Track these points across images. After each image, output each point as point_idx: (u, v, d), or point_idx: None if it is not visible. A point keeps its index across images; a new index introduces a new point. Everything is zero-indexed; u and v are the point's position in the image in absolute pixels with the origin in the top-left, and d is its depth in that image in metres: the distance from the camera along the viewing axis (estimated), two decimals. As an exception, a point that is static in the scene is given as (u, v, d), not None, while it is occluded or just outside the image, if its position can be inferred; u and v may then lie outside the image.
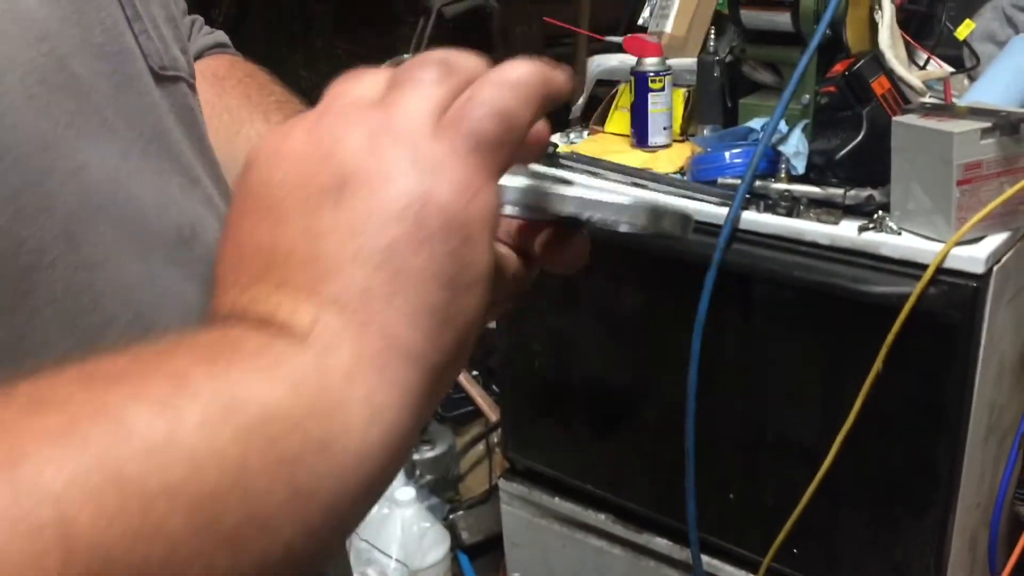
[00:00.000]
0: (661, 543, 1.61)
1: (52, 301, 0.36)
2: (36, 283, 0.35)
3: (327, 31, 5.15)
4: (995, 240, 1.22)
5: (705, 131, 1.54)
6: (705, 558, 1.52)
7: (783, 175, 1.37)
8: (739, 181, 1.36)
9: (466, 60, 0.36)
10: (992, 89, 1.34)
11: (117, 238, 0.39)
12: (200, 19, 0.76)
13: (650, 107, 1.54)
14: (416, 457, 2.15)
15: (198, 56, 0.72)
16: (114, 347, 0.34)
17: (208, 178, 0.49)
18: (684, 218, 0.40)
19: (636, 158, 1.54)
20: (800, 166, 1.35)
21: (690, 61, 1.58)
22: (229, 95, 0.69)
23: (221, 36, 0.76)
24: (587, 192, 0.39)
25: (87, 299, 0.37)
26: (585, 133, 1.69)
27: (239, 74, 0.73)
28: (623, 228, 0.39)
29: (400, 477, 1.97)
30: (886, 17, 1.38)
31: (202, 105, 0.62)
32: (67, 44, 0.39)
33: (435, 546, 1.91)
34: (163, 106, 0.45)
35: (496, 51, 4.53)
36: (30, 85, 0.36)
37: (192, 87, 0.51)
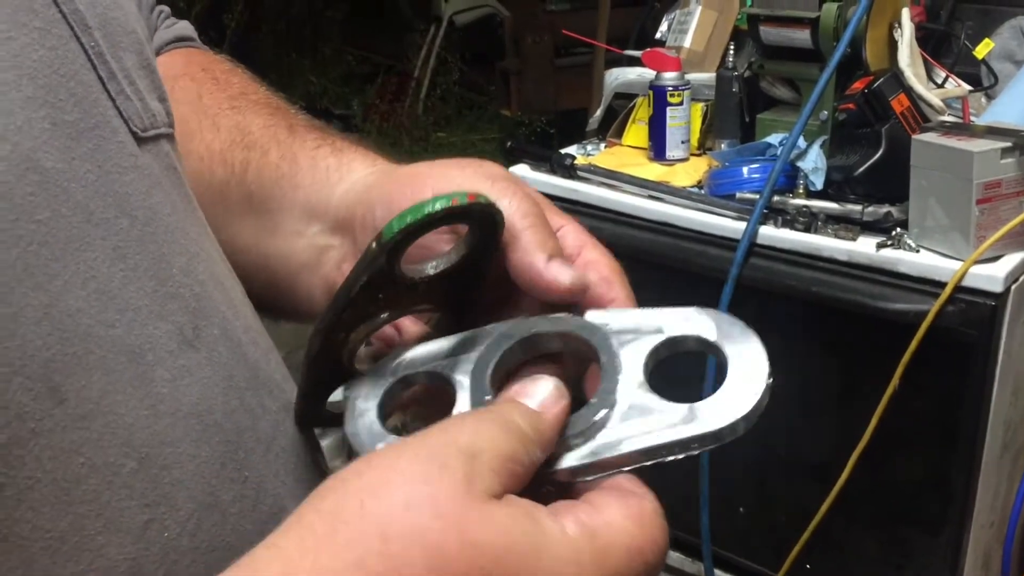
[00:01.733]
0: (674, 556, 1.61)
1: (39, 479, 0.31)
2: (18, 461, 0.30)
3: (337, 38, 5.18)
4: (1013, 259, 1.23)
5: (723, 145, 1.54)
6: (718, 572, 1.52)
7: (801, 191, 1.37)
8: (757, 196, 1.36)
9: None
10: (1011, 108, 1.35)
11: (109, 371, 0.34)
12: (166, 10, 0.66)
13: (668, 121, 1.54)
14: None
15: (157, 53, 0.62)
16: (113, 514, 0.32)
17: (205, 240, 0.44)
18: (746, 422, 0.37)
19: (653, 171, 1.55)
20: (818, 182, 1.35)
21: (708, 76, 1.59)
22: (179, 101, 0.57)
23: (183, 28, 0.66)
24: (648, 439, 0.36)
25: (80, 461, 0.32)
26: (602, 145, 1.70)
27: (194, 69, 0.62)
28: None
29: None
30: (906, 35, 1.38)
31: None
32: (33, 135, 0.33)
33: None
34: (152, 175, 0.40)
35: (507, 60, 4.54)
36: None
37: (172, 137, 0.45)
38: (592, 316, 0.41)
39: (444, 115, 4.60)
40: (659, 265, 1.46)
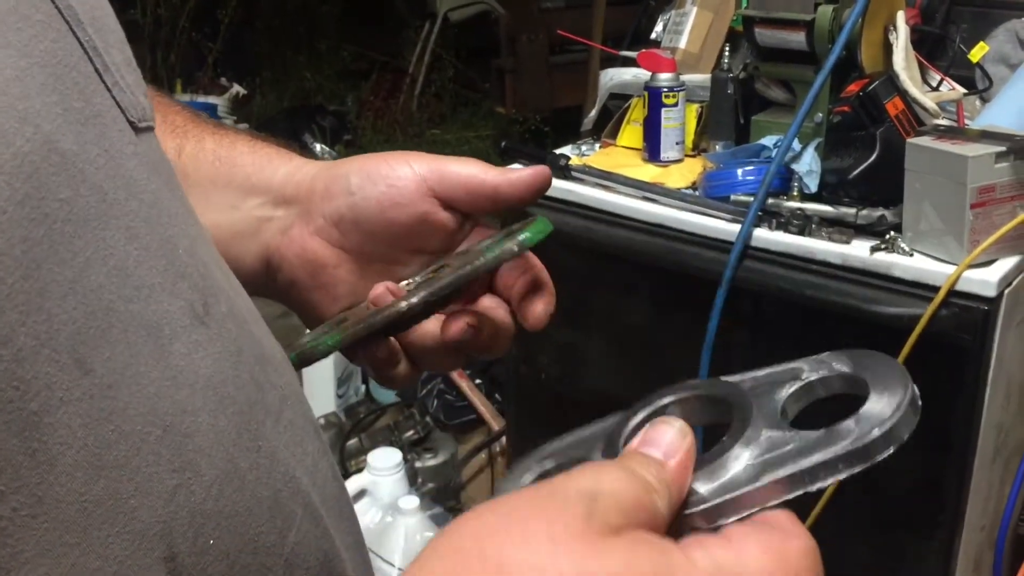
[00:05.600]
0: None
1: (70, 444, 0.31)
2: (49, 428, 0.31)
3: (332, 34, 5.16)
4: (1007, 263, 1.23)
5: (717, 147, 1.54)
6: None
7: (795, 193, 1.37)
8: (751, 198, 1.36)
9: None
10: (1006, 112, 1.35)
11: (131, 343, 0.34)
12: None
13: (663, 122, 1.54)
14: (418, 465, 2.15)
15: None
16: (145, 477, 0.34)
17: (199, 226, 0.45)
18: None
19: (648, 172, 1.55)
20: (813, 185, 1.35)
21: (703, 77, 1.59)
22: None
23: None
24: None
25: (109, 429, 0.33)
26: (597, 146, 1.70)
27: None
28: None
29: (403, 485, 1.97)
30: (901, 38, 1.38)
31: None
32: (50, 118, 0.33)
33: (437, 555, 1.90)
34: (150, 163, 0.40)
35: (502, 57, 4.54)
36: (19, 186, 0.31)
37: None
38: (725, 379, 0.41)
39: (439, 112, 4.60)
40: (653, 267, 1.46)
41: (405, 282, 0.57)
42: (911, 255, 1.26)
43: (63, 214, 0.33)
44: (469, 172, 0.56)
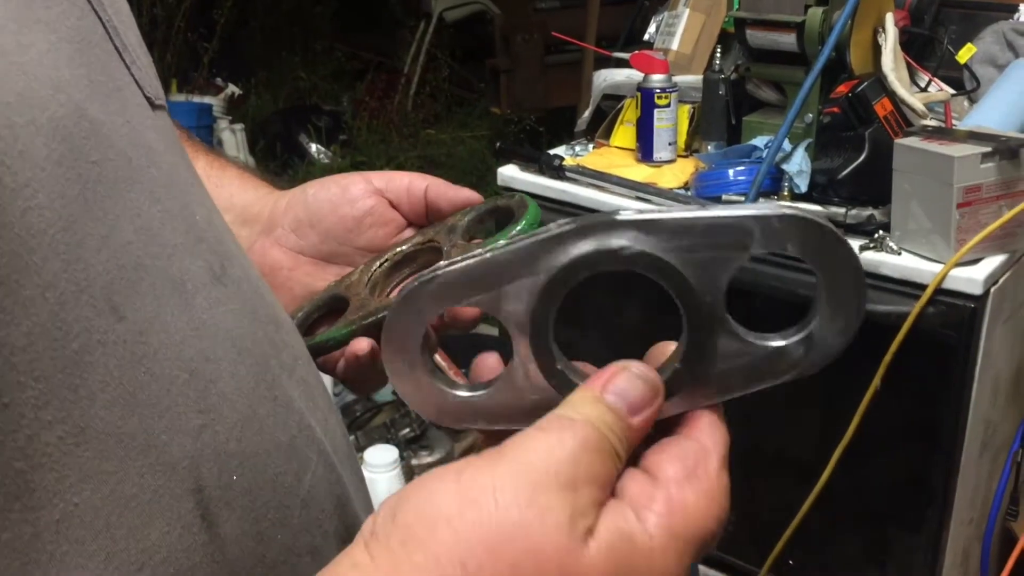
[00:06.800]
0: (658, 552, 1.63)
1: (107, 383, 0.34)
2: (88, 367, 0.34)
3: (327, 35, 5.17)
4: (993, 262, 1.25)
5: (709, 147, 1.56)
6: (701, 568, 1.54)
7: (786, 193, 1.39)
8: (743, 198, 1.38)
9: None
10: (992, 113, 1.37)
11: (158, 295, 0.38)
12: None
13: (655, 122, 1.56)
14: (414, 463, 2.17)
15: None
16: (176, 416, 0.37)
17: (213, 202, 0.48)
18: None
19: (640, 172, 1.57)
20: (803, 184, 1.37)
21: (695, 78, 1.61)
22: None
23: None
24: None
25: (142, 371, 0.36)
26: (590, 146, 1.71)
27: None
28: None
29: (399, 483, 1.98)
30: (889, 40, 1.40)
31: None
32: (79, 88, 0.36)
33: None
34: (166, 137, 0.44)
35: (497, 57, 4.55)
36: (55, 147, 0.34)
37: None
38: (626, 214, 0.38)
39: (434, 112, 4.61)
40: (646, 265, 1.48)
41: (395, 250, 0.62)
42: (899, 254, 1.28)
43: (94, 175, 0.35)
44: (411, 178, 0.63)
